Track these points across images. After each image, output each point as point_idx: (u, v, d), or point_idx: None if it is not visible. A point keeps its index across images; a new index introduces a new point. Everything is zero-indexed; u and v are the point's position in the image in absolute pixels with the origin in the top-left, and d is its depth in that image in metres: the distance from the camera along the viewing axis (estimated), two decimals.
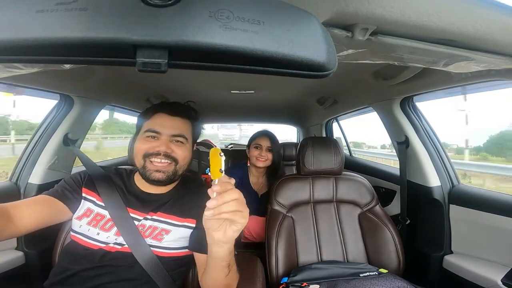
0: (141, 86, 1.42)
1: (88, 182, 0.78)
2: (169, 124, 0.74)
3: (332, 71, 0.31)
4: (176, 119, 0.76)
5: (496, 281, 0.90)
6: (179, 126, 0.75)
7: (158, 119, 0.75)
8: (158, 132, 0.73)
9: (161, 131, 0.73)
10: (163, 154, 0.71)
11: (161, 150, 0.71)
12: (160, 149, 0.71)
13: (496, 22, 0.48)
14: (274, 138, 1.55)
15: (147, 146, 0.72)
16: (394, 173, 1.50)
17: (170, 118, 0.75)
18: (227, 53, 0.27)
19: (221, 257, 0.56)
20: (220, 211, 0.47)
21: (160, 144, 0.72)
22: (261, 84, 1.49)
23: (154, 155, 0.71)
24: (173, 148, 0.73)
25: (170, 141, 0.73)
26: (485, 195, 1.06)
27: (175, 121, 0.75)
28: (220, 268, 0.60)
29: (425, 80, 0.99)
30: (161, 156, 0.71)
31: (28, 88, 1.00)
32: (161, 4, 0.26)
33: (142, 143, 0.73)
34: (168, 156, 0.72)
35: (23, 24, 0.26)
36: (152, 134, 0.73)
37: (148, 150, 0.72)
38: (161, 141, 0.72)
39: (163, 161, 0.71)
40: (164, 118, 0.75)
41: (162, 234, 0.72)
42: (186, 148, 0.76)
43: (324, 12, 0.46)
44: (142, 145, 0.73)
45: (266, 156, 1.49)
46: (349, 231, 1.17)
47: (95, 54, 0.30)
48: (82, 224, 0.72)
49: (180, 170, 0.76)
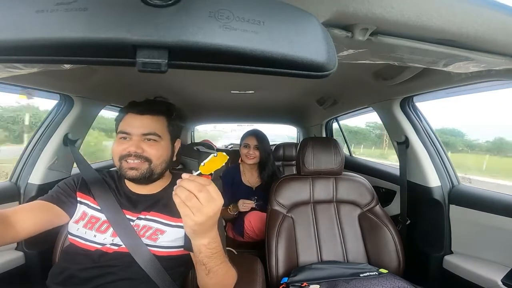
0: (141, 86, 1.42)
1: (82, 186, 0.78)
2: (138, 123, 0.72)
3: (332, 71, 0.31)
4: (145, 117, 0.73)
5: (496, 281, 0.90)
6: (149, 124, 0.73)
7: (128, 119, 0.74)
8: (128, 133, 0.72)
9: (130, 132, 0.72)
10: (133, 155, 0.70)
11: (131, 151, 0.70)
12: (130, 150, 0.70)
13: (496, 22, 0.48)
14: (262, 137, 1.64)
15: (120, 148, 0.72)
16: (394, 173, 1.50)
17: (139, 117, 0.73)
18: (227, 53, 0.27)
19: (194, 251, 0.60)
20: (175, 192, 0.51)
21: (130, 145, 0.71)
22: (261, 84, 1.49)
23: (126, 156, 0.71)
24: (144, 148, 0.71)
25: (142, 140, 0.72)
26: (485, 195, 1.06)
27: (144, 120, 0.73)
28: (196, 263, 0.63)
29: (425, 80, 0.99)
30: (132, 157, 0.71)
31: (28, 88, 1.00)
32: (161, 4, 0.26)
33: (116, 145, 0.73)
34: (139, 156, 0.71)
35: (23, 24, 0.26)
36: (123, 135, 0.72)
37: (121, 152, 0.71)
38: (131, 142, 0.71)
39: (136, 161, 0.71)
40: (133, 117, 0.74)
41: (157, 234, 0.73)
42: (161, 145, 0.74)
43: (324, 12, 0.46)
44: (116, 148, 0.72)
45: (254, 153, 1.62)
46: (349, 231, 1.17)
47: (95, 54, 0.30)
48: (79, 227, 0.73)
49: (158, 169, 0.74)
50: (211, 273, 0.61)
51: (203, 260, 0.60)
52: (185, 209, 0.51)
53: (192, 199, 0.50)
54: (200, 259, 0.60)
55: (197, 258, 0.60)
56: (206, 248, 0.58)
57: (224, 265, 0.64)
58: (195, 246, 0.59)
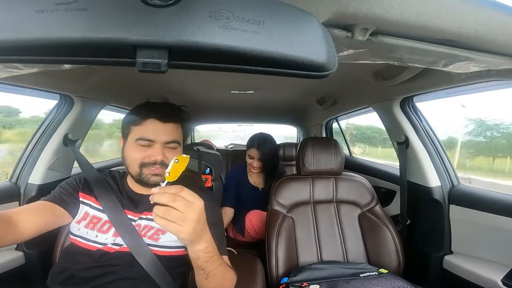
0: (141, 87, 1.42)
1: (84, 186, 0.78)
2: (162, 130, 0.71)
3: (332, 71, 0.31)
4: (168, 125, 0.72)
5: (496, 281, 0.90)
6: (173, 132, 0.73)
7: (150, 125, 0.71)
8: (152, 140, 0.70)
9: (155, 139, 0.70)
10: (159, 163, 0.70)
11: (157, 160, 0.70)
12: (156, 158, 0.69)
13: (496, 22, 0.48)
14: (265, 149, 1.58)
15: (142, 155, 0.70)
16: (394, 173, 1.50)
17: (162, 124, 0.71)
18: (227, 53, 0.27)
19: (191, 258, 0.59)
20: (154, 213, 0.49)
21: (155, 153, 0.70)
22: (261, 84, 1.49)
23: (151, 165, 0.70)
24: (167, 156, 0.71)
25: (164, 147, 0.71)
26: (485, 195, 1.06)
27: (168, 127, 0.72)
28: (195, 268, 0.62)
29: (425, 80, 0.99)
30: (158, 165, 0.70)
31: (28, 88, 1.00)
32: (161, 4, 0.26)
33: (135, 151, 0.71)
34: (164, 164, 0.70)
35: (23, 24, 0.26)
36: (145, 142, 0.70)
37: (143, 160, 0.70)
38: (155, 150, 0.70)
39: (160, 168, 0.70)
40: (156, 124, 0.71)
41: (158, 234, 0.73)
42: (179, 152, 0.74)
43: (324, 12, 0.45)
44: (137, 154, 0.71)
45: (258, 165, 1.61)
46: (349, 231, 1.17)
47: (95, 54, 0.30)
48: (80, 227, 0.73)
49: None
50: (210, 276, 0.61)
51: (202, 265, 0.59)
52: (171, 225, 0.49)
53: (171, 212, 0.49)
54: (199, 264, 0.59)
55: (196, 264, 0.60)
56: (203, 253, 0.58)
57: (222, 267, 0.64)
58: (192, 253, 0.58)
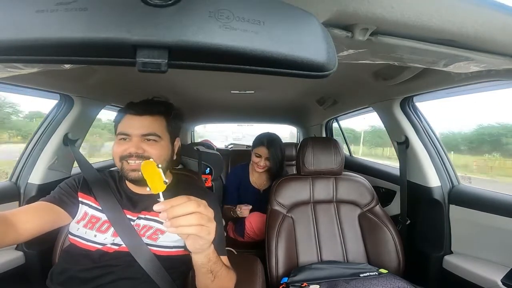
0: (141, 86, 1.42)
1: (83, 186, 0.78)
2: (138, 124, 0.73)
3: (332, 71, 0.31)
4: (144, 118, 0.74)
5: (496, 281, 0.90)
6: (149, 125, 0.73)
7: (127, 120, 0.74)
8: (127, 134, 0.72)
9: (130, 132, 0.72)
10: (135, 156, 0.71)
11: (132, 152, 0.70)
12: (131, 150, 0.71)
13: (496, 22, 0.48)
14: (274, 148, 1.55)
15: (121, 149, 0.72)
16: (394, 173, 1.50)
17: (138, 117, 0.74)
18: (227, 53, 0.27)
19: (200, 264, 0.58)
20: (178, 224, 0.46)
21: (130, 146, 0.71)
22: (261, 84, 1.49)
23: (127, 157, 0.71)
24: (144, 148, 0.71)
25: (142, 141, 0.72)
26: (485, 195, 1.06)
27: (143, 120, 0.73)
28: (201, 274, 0.61)
29: (425, 80, 0.98)
30: (134, 158, 0.71)
31: (28, 88, 1.00)
32: (161, 4, 0.26)
33: (116, 146, 0.73)
34: (140, 156, 0.71)
35: (23, 24, 0.25)
36: (123, 136, 0.73)
37: (122, 153, 0.72)
38: (132, 143, 0.71)
39: (137, 161, 0.71)
40: (132, 118, 0.74)
41: (157, 234, 0.73)
42: (161, 145, 0.74)
43: (324, 12, 0.45)
44: (117, 149, 0.73)
45: (264, 164, 1.58)
46: (349, 231, 1.17)
47: (95, 54, 0.29)
48: (79, 227, 0.73)
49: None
50: (216, 278, 0.61)
51: (211, 267, 0.59)
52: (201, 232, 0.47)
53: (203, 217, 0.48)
54: (209, 267, 0.59)
55: (205, 268, 0.59)
56: (212, 254, 0.58)
57: (224, 267, 0.64)
58: (203, 257, 0.57)
